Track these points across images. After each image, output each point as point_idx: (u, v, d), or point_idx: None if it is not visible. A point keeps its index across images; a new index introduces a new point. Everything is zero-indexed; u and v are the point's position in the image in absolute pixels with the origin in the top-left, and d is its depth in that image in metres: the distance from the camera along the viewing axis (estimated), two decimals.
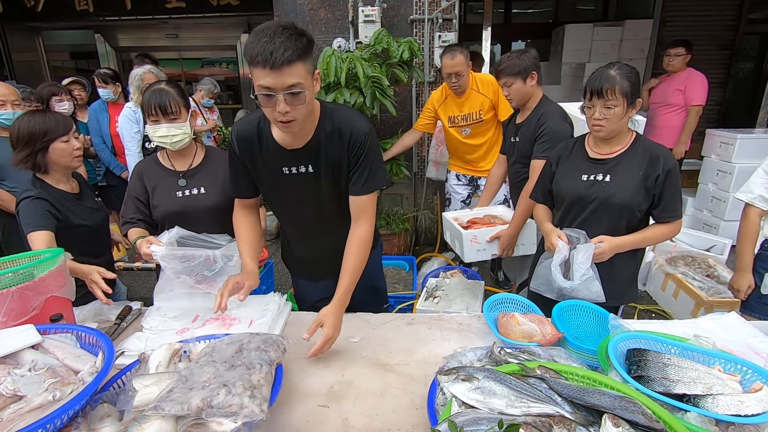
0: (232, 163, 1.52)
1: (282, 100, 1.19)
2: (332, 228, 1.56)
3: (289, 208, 1.59)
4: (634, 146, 1.64)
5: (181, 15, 5.99)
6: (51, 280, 1.32)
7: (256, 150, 1.45)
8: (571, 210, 1.73)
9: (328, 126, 1.39)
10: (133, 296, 2.93)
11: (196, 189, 1.77)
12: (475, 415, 0.85)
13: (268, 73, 1.15)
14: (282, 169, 1.44)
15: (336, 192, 1.48)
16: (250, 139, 1.44)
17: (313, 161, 1.42)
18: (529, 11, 7.60)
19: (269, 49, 1.12)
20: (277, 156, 1.42)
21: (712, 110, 6.31)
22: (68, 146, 1.72)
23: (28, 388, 0.98)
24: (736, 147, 3.92)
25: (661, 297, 3.34)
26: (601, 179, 1.64)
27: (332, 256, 1.53)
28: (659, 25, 5.96)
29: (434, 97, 3.28)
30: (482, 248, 2.40)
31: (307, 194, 1.49)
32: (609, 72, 1.54)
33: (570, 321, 1.49)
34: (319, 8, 3.98)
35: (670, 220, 1.62)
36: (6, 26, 6.28)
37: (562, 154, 1.80)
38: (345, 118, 1.41)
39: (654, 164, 1.58)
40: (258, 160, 1.46)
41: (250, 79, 1.24)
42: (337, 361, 1.36)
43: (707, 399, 0.95)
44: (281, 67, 1.14)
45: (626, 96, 1.53)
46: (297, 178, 1.45)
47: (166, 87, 1.68)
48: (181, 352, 1.15)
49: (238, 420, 0.87)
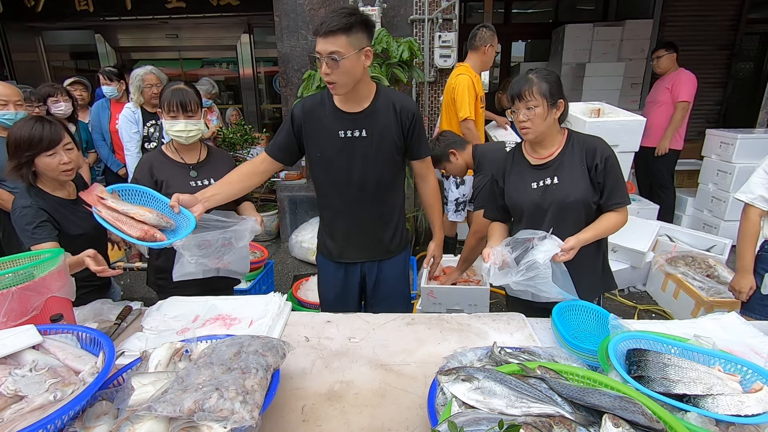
0: (282, 127, 1.75)
1: (324, 63, 1.48)
2: (372, 199, 1.75)
3: (337, 173, 1.71)
4: (569, 143, 1.66)
5: (181, 15, 5.99)
6: (51, 280, 1.32)
7: (319, 112, 1.67)
8: (532, 219, 1.69)
9: (383, 99, 1.66)
10: (133, 296, 2.93)
11: (206, 180, 1.89)
12: (475, 416, 0.85)
13: (318, 40, 1.47)
14: (338, 133, 1.64)
15: (380, 160, 1.69)
16: (314, 105, 1.68)
17: (367, 126, 1.64)
18: (529, 11, 7.60)
19: (323, 20, 1.44)
20: (336, 118, 1.64)
21: (712, 110, 6.32)
22: (53, 161, 1.62)
23: (29, 389, 0.98)
24: (736, 147, 3.92)
25: (661, 297, 3.35)
26: (550, 183, 1.65)
27: (366, 232, 1.80)
28: (659, 25, 5.97)
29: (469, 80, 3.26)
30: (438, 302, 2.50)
31: (357, 158, 1.67)
32: (527, 76, 1.59)
33: (570, 321, 1.49)
34: (319, 8, 3.98)
35: (616, 208, 1.62)
36: (6, 26, 6.28)
37: (505, 167, 1.79)
38: (397, 96, 1.72)
39: (591, 156, 1.60)
40: (318, 123, 1.67)
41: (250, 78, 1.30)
42: (337, 361, 1.36)
43: (707, 399, 0.96)
44: (326, 35, 1.44)
45: (545, 96, 1.55)
46: (350, 142, 1.65)
47: (186, 87, 1.84)
48: (182, 352, 1.15)
49: (227, 425, 0.87)
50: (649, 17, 6.00)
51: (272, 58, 6.65)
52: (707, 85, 6.17)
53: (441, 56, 3.88)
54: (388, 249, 1.85)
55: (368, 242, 1.81)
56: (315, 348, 1.43)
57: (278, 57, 4.32)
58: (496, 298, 3.17)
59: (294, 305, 2.28)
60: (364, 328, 1.55)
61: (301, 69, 4.17)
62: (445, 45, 3.85)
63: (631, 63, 6.04)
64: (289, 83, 4.34)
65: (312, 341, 1.47)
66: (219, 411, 0.88)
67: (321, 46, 1.46)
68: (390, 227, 1.83)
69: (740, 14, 5.87)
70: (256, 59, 6.77)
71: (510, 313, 1.64)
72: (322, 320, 1.59)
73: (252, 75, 6.80)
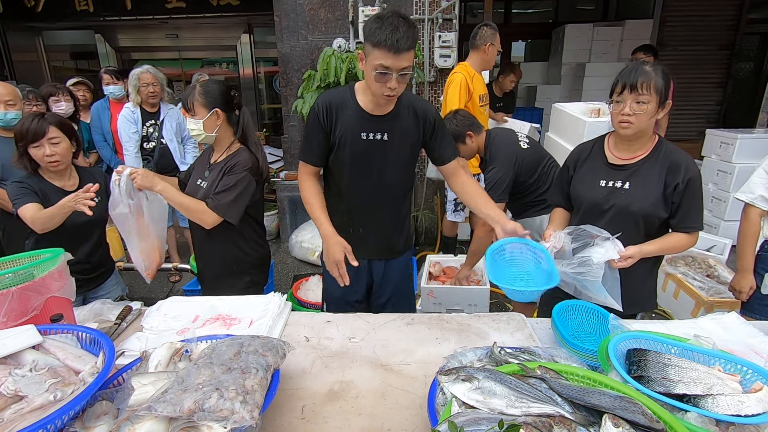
0: (311, 130, 1.70)
1: (395, 78, 1.48)
2: (388, 200, 1.79)
3: (356, 174, 1.73)
4: (655, 152, 1.57)
5: (181, 15, 5.99)
6: (51, 281, 1.32)
7: (343, 111, 1.66)
8: (588, 216, 1.66)
9: (405, 102, 1.68)
10: (133, 296, 2.93)
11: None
12: (475, 416, 0.85)
13: (388, 56, 1.43)
14: (361, 134, 1.66)
15: (399, 163, 1.73)
16: (338, 102, 1.66)
17: (390, 130, 1.66)
18: (529, 11, 7.61)
19: (396, 36, 1.40)
20: (360, 119, 1.65)
21: (712, 110, 6.32)
22: (38, 152, 1.81)
23: (29, 389, 0.98)
24: (736, 147, 3.92)
25: (662, 297, 3.34)
26: (620, 186, 1.58)
27: (381, 233, 1.82)
28: (659, 25, 5.97)
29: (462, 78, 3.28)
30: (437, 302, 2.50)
31: (377, 161, 1.70)
32: (644, 67, 1.48)
33: (570, 321, 1.49)
34: (319, 8, 3.98)
35: (688, 231, 1.56)
36: (6, 26, 6.28)
37: (580, 156, 1.73)
38: (417, 99, 1.75)
39: (675, 172, 1.51)
40: (342, 121, 1.66)
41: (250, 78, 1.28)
42: (337, 361, 1.36)
43: (707, 399, 0.95)
44: (402, 52, 1.43)
45: (660, 94, 1.46)
46: (371, 144, 1.67)
47: (199, 85, 1.84)
48: (182, 352, 1.15)
49: (227, 425, 0.87)
50: (649, 17, 6.01)
51: (272, 58, 6.66)
52: (707, 85, 6.18)
53: (441, 56, 3.88)
54: (396, 249, 1.89)
55: (381, 242, 1.84)
56: (315, 348, 1.43)
57: (278, 57, 4.32)
58: (496, 298, 3.17)
59: (294, 305, 2.28)
60: (364, 328, 1.55)
61: (301, 69, 4.17)
62: (445, 45, 3.84)
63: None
64: (289, 83, 4.34)
65: (312, 341, 1.47)
66: (219, 411, 0.88)
67: (394, 62, 1.44)
68: (402, 228, 1.88)
69: (740, 14, 5.87)
70: (256, 59, 6.78)
71: (510, 313, 1.64)
72: (322, 320, 1.59)
73: (252, 75, 6.81)
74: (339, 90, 1.72)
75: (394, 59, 1.44)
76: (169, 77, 5.08)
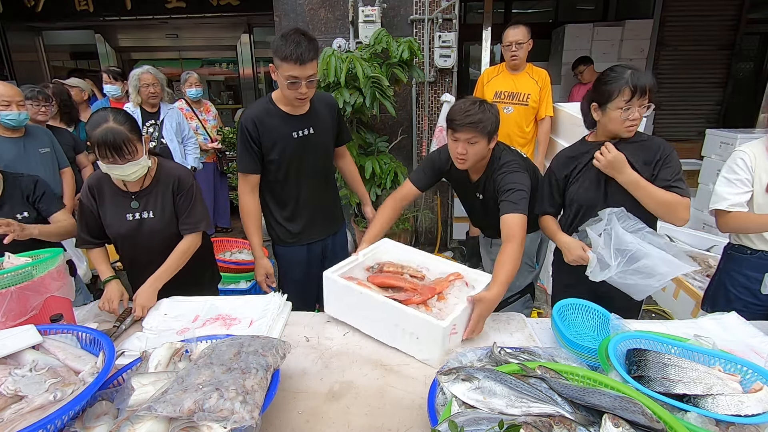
0: (245, 144, 1.86)
1: (304, 84, 1.72)
2: (325, 182, 2.10)
3: (293, 166, 1.94)
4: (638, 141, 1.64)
5: (181, 15, 5.98)
6: (50, 280, 1.32)
7: (269, 120, 1.86)
8: (587, 215, 1.68)
9: (317, 99, 1.96)
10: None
11: (147, 212, 1.73)
12: (475, 415, 0.85)
13: (294, 67, 1.67)
14: (291, 133, 1.89)
15: (325, 150, 2.05)
16: (263, 114, 1.86)
17: (313, 124, 1.93)
18: (529, 11, 7.60)
19: (299, 51, 1.64)
20: (287, 121, 1.88)
21: (712, 110, 6.31)
22: None
23: (29, 389, 0.98)
24: (736, 147, 3.90)
25: (661, 297, 3.35)
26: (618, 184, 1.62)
27: (325, 211, 2.11)
28: (659, 25, 5.96)
29: (486, 72, 3.30)
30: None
31: (310, 150, 1.95)
32: (648, 73, 1.54)
33: (570, 321, 1.49)
34: (319, 8, 3.98)
35: (671, 190, 1.56)
36: (6, 26, 6.27)
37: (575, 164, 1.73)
38: (323, 95, 2.06)
39: (654, 152, 1.59)
40: (272, 131, 1.86)
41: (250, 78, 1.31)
42: (337, 361, 1.36)
43: (707, 399, 0.96)
44: (306, 63, 1.67)
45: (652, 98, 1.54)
46: (301, 140, 1.91)
47: (116, 124, 1.51)
48: (182, 352, 1.15)
49: (227, 425, 0.87)
50: (649, 17, 5.99)
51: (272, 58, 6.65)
52: (707, 85, 6.17)
53: (441, 56, 3.88)
54: (339, 221, 2.24)
55: (326, 219, 2.13)
56: (315, 348, 1.43)
57: None
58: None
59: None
60: None
61: None
62: (445, 45, 3.84)
63: (631, 63, 6.03)
64: None
65: (312, 341, 1.47)
66: (219, 411, 0.88)
67: (300, 71, 1.67)
68: (337, 204, 2.23)
69: (740, 14, 5.86)
70: (256, 59, 6.77)
71: (510, 313, 1.64)
72: (322, 320, 1.59)
73: (252, 75, 6.79)
74: (258, 104, 1.92)
75: (301, 69, 1.67)
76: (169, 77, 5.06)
